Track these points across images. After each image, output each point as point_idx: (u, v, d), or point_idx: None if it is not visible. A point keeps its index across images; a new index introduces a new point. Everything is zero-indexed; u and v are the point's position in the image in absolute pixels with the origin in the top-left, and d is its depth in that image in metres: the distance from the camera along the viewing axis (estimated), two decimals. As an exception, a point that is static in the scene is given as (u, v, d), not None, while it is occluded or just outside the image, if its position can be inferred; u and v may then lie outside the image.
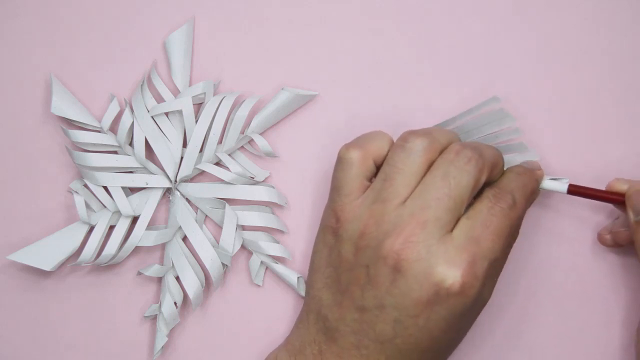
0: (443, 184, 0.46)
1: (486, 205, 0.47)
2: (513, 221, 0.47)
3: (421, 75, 0.54)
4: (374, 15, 0.54)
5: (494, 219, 0.46)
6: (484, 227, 0.46)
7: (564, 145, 0.53)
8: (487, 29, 0.54)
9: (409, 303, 0.45)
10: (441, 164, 0.47)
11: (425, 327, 0.45)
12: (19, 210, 0.54)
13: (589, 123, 0.53)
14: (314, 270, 0.49)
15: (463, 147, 0.47)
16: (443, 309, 0.45)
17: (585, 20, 0.54)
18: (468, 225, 0.46)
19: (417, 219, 0.45)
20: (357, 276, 0.46)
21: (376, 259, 0.46)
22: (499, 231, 0.46)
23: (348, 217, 0.47)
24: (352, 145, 0.49)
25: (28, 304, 0.54)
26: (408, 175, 0.47)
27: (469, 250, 0.45)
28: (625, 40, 0.53)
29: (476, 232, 0.46)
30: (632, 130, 0.53)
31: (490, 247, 0.46)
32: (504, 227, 0.46)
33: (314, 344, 0.48)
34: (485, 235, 0.46)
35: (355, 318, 0.46)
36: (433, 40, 0.54)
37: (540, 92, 0.53)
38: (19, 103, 0.55)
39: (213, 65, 0.54)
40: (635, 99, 0.53)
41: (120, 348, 0.54)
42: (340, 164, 0.49)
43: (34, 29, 0.55)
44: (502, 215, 0.46)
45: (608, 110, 0.53)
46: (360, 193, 0.48)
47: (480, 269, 0.45)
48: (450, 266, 0.45)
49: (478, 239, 0.46)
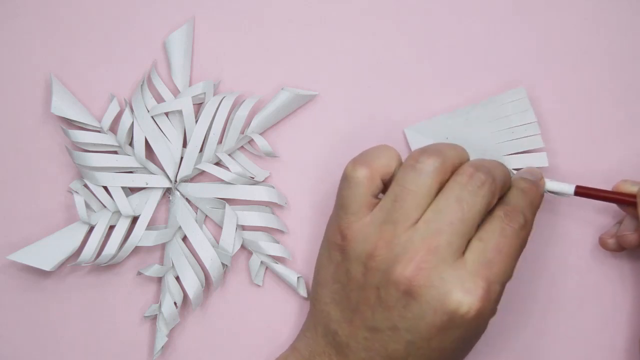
0: (456, 208, 0.45)
1: (498, 227, 0.46)
2: (523, 240, 0.47)
3: (421, 75, 0.54)
4: (374, 15, 0.54)
5: (506, 240, 0.46)
6: (497, 250, 0.45)
7: (564, 145, 0.53)
8: (487, 29, 0.54)
9: (423, 327, 0.45)
10: (454, 187, 0.46)
11: (438, 348, 0.45)
12: (19, 210, 0.54)
13: (589, 123, 0.53)
14: (320, 284, 0.48)
15: (476, 170, 0.46)
16: (458, 332, 0.45)
17: (585, 20, 0.54)
18: (480, 249, 0.45)
19: (429, 244, 0.45)
20: (367, 296, 0.46)
21: (387, 282, 0.45)
22: (511, 253, 0.46)
23: (356, 236, 0.46)
24: (358, 162, 0.47)
25: (28, 304, 0.54)
26: (419, 197, 0.46)
27: (482, 275, 0.45)
28: (625, 40, 0.53)
29: (489, 255, 0.45)
30: (632, 130, 0.53)
31: (504, 270, 0.45)
32: (516, 248, 0.46)
33: (324, 355, 0.48)
34: (499, 258, 0.45)
35: (366, 337, 0.46)
36: (433, 40, 0.54)
37: (540, 92, 0.53)
38: (19, 103, 0.55)
39: (213, 65, 0.54)
40: (635, 99, 0.53)
41: (120, 348, 0.54)
42: (347, 182, 0.47)
43: (34, 29, 0.55)
44: (514, 236, 0.46)
45: (608, 110, 0.53)
46: (367, 211, 0.47)
47: (494, 293, 0.45)
48: (465, 293, 0.44)
49: (491, 262, 0.45)
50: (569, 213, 0.53)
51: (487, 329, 0.48)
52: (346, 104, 0.54)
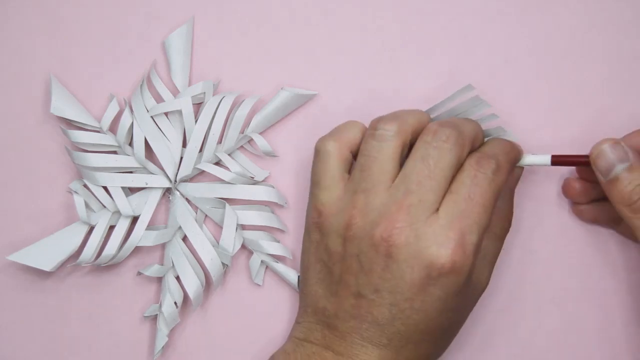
0: (422, 166, 0.46)
1: (468, 175, 0.46)
2: (498, 186, 0.47)
3: (421, 75, 0.54)
4: (374, 15, 0.54)
5: (477, 188, 0.46)
6: (469, 199, 0.46)
7: (564, 145, 0.53)
8: (487, 29, 0.54)
9: (403, 287, 0.45)
10: (419, 147, 0.47)
11: (422, 309, 0.46)
12: (18, 211, 0.54)
13: (589, 123, 0.53)
14: (305, 268, 0.49)
15: (440, 126, 0.47)
16: (437, 289, 0.45)
17: (585, 20, 0.53)
18: (452, 200, 0.46)
19: (401, 205, 0.46)
20: (349, 265, 0.47)
21: (366, 247, 0.46)
22: (484, 201, 0.46)
23: (331, 211, 0.48)
24: (327, 137, 0.49)
25: (28, 304, 0.54)
26: (383, 162, 0.47)
27: (455, 227, 0.45)
28: (625, 40, 0.53)
29: (461, 206, 0.46)
30: (632, 130, 0.53)
31: (477, 219, 0.46)
32: (490, 195, 0.46)
33: (316, 331, 0.48)
34: (471, 207, 0.46)
35: (352, 304, 0.47)
36: (433, 41, 0.54)
37: (541, 92, 0.53)
38: (19, 103, 0.55)
39: (212, 65, 0.54)
40: (635, 99, 0.53)
41: (120, 348, 0.54)
42: (317, 157, 0.49)
43: (33, 29, 0.55)
44: (486, 183, 0.46)
45: (608, 110, 0.53)
46: (340, 185, 0.48)
47: (470, 245, 0.45)
48: (439, 247, 0.45)
49: (463, 213, 0.46)
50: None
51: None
52: (346, 104, 0.54)
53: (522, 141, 0.50)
